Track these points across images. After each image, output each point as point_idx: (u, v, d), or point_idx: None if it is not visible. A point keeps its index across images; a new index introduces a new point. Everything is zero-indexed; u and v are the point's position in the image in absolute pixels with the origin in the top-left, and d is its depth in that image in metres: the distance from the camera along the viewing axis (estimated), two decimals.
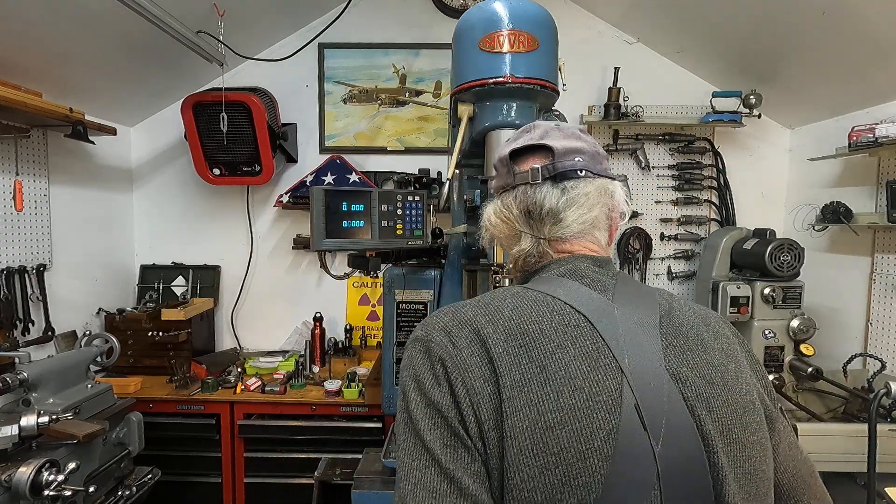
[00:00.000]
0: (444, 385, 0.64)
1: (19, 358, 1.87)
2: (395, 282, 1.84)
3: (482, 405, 0.62)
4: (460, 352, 0.65)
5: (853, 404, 2.12)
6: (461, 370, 0.64)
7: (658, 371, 0.64)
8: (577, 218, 0.76)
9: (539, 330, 0.65)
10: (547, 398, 0.61)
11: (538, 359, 0.63)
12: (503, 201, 0.80)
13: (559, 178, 0.75)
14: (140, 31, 2.10)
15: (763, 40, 2.41)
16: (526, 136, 0.81)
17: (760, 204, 2.96)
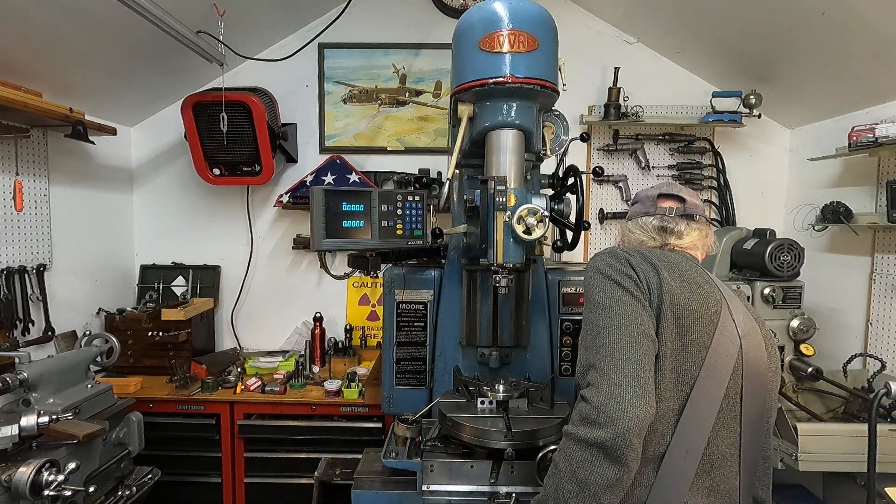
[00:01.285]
0: (629, 268, 1.08)
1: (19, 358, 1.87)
2: (395, 282, 1.84)
3: (652, 281, 1.06)
4: (636, 258, 1.10)
5: (853, 404, 2.12)
6: (639, 264, 1.09)
7: (738, 299, 1.14)
8: (694, 240, 1.23)
9: (675, 262, 1.12)
10: (683, 289, 1.07)
11: (679, 274, 1.10)
12: (641, 221, 1.27)
13: (688, 218, 1.24)
14: (140, 32, 2.10)
15: (763, 40, 2.41)
16: (665, 188, 1.29)
17: (760, 204, 2.96)
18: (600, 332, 1.01)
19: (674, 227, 1.21)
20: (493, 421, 1.45)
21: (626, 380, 0.93)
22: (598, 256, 1.13)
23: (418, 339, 1.84)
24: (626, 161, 2.96)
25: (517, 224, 1.38)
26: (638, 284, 1.05)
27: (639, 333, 0.98)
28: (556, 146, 1.76)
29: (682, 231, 1.22)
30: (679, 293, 1.05)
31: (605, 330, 1.00)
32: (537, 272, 1.80)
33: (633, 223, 1.28)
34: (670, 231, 1.22)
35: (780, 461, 1.84)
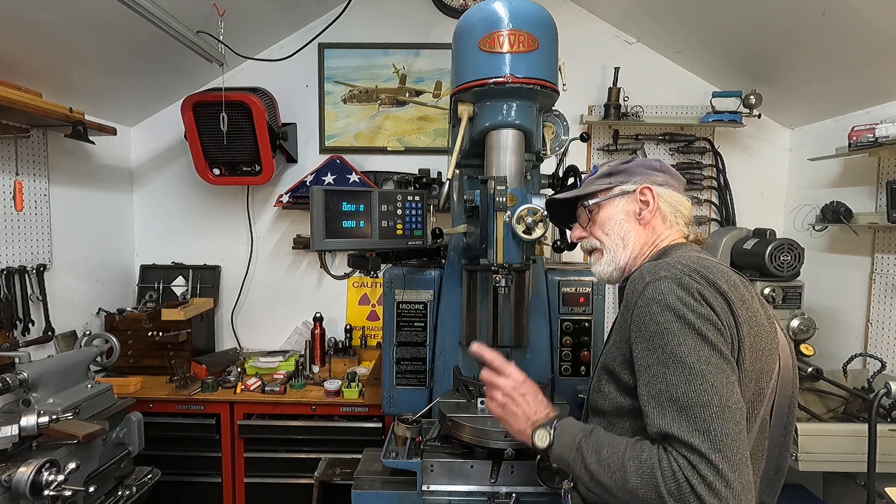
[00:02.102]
0: (706, 307, 0.89)
1: (19, 358, 1.88)
2: (395, 282, 1.84)
3: (730, 322, 0.90)
4: (706, 288, 0.90)
5: (853, 404, 2.12)
6: (714, 299, 0.90)
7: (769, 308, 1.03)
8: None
9: (731, 279, 0.94)
10: (751, 320, 0.92)
11: (746, 305, 0.93)
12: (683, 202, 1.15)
13: None
14: (140, 32, 2.10)
15: (763, 40, 2.41)
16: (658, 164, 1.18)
17: (760, 204, 2.96)
18: (698, 405, 0.83)
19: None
20: (493, 421, 1.45)
21: (745, 463, 0.82)
22: (661, 283, 0.92)
23: (418, 339, 1.84)
24: None
25: (517, 224, 1.38)
26: (722, 333, 0.88)
27: (740, 411, 0.84)
28: (556, 146, 1.76)
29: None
30: (752, 334, 0.92)
31: (707, 407, 0.82)
32: (537, 272, 1.80)
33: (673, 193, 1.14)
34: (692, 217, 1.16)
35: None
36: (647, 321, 0.91)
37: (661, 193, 1.13)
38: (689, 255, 1.01)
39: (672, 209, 1.13)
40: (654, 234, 1.13)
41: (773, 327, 0.98)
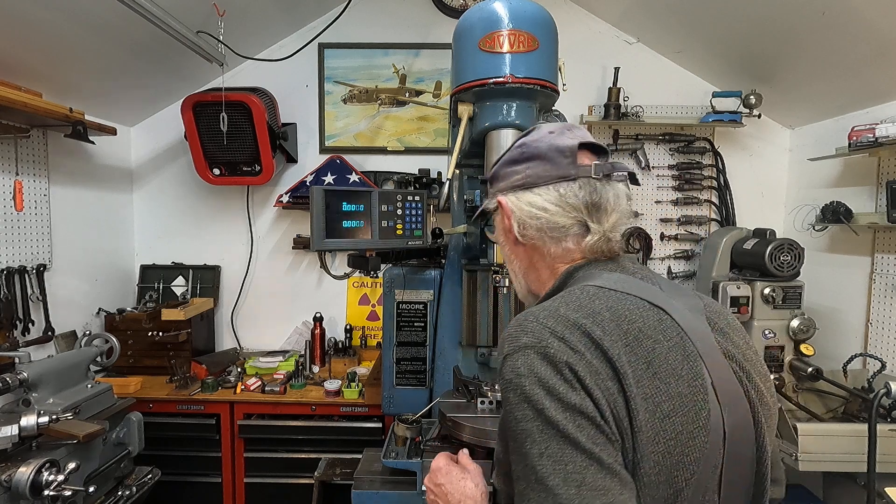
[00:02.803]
0: (578, 388, 0.64)
1: (19, 358, 1.88)
2: (395, 282, 1.84)
3: (616, 404, 0.65)
4: (583, 356, 0.66)
5: (853, 404, 2.12)
6: (592, 373, 0.65)
7: (716, 351, 0.73)
8: (619, 216, 0.81)
9: (638, 329, 0.70)
10: (658, 390, 0.66)
11: (644, 356, 0.68)
12: (565, 190, 0.79)
13: (611, 178, 0.80)
14: (140, 32, 2.10)
15: (763, 40, 2.41)
16: (578, 133, 0.83)
17: (760, 204, 2.96)
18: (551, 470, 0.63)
19: (608, 199, 0.80)
20: (492, 421, 1.45)
21: None
22: (518, 358, 0.68)
23: (418, 339, 1.84)
24: (626, 161, 2.96)
25: None
26: (601, 427, 0.64)
27: None
28: None
29: (612, 206, 0.80)
30: (655, 407, 0.65)
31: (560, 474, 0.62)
32: None
33: (548, 195, 0.80)
34: (604, 208, 0.79)
35: (780, 461, 1.84)
36: (506, 415, 0.68)
37: (514, 207, 0.83)
38: (584, 290, 0.74)
39: (536, 223, 0.81)
40: (544, 255, 0.84)
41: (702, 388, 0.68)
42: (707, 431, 0.67)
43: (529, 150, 0.84)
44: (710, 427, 0.67)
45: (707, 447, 0.67)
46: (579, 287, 0.76)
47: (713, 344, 0.73)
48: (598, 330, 0.68)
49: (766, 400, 0.75)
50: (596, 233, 0.79)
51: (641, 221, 2.98)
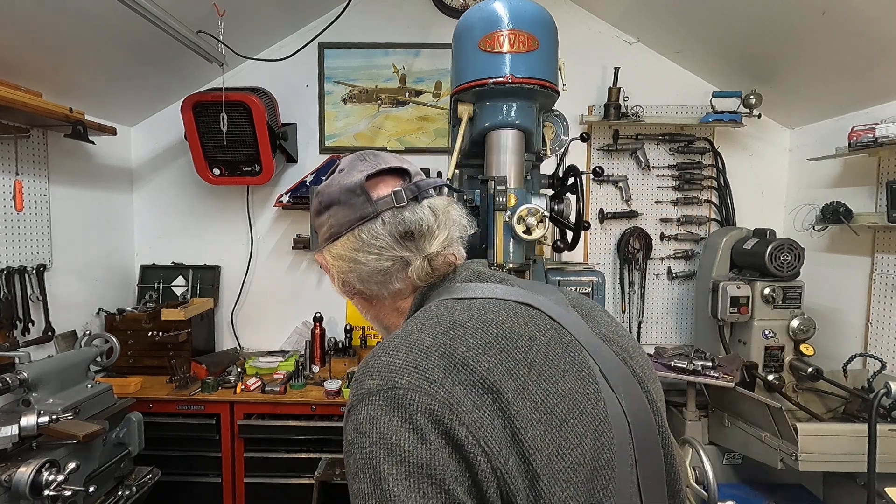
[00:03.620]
0: (431, 438, 0.53)
1: (19, 358, 1.88)
2: None
3: (488, 435, 0.54)
4: (441, 386, 0.55)
5: (853, 404, 2.12)
6: (451, 407, 0.54)
7: (593, 337, 0.68)
8: (448, 232, 0.76)
9: (509, 329, 0.62)
10: (548, 393, 0.58)
11: (523, 357, 0.60)
12: (367, 232, 0.72)
13: (420, 198, 0.74)
14: (140, 31, 2.10)
15: (763, 40, 2.41)
16: (370, 164, 0.77)
17: (760, 204, 2.96)
18: None
19: (422, 224, 0.73)
20: None
21: None
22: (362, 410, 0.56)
23: None
24: (626, 161, 2.96)
25: (517, 224, 1.38)
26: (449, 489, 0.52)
27: None
28: (556, 146, 1.76)
29: (433, 226, 0.74)
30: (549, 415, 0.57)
31: None
32: (537, 272, 1.80)
33: (352, 243, 0.74)
34: (424, 233, 0.73)
35: (780, 461, 1.84)
36: (349, 477, 0.56)
37: (330, 263, 0.77)
38: (442, 305, 0.67)
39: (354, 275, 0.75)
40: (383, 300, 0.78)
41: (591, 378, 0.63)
42: (610, 425, 0.60)
43: (324, 197, 0.77)
44: (610, 419, 0.60)
45: (615, 443, 0.60)
46: (436, 303, 0.69)
47: (588, 331, 0.69)
48: (461, 347, 0.58)
49: (649, 374, 0.72)
50: (416, 261, 0.73)
51: (641, 221, 2.98)
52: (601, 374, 0.64)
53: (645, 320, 2.98)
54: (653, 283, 2.99)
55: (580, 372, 0.62)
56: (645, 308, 2.98)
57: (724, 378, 2.03)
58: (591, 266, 2.08)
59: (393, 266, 0.73)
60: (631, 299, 2.97)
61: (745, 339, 2.38)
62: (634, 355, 0.71)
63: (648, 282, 2.98)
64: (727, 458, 2.22)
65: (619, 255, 2.96)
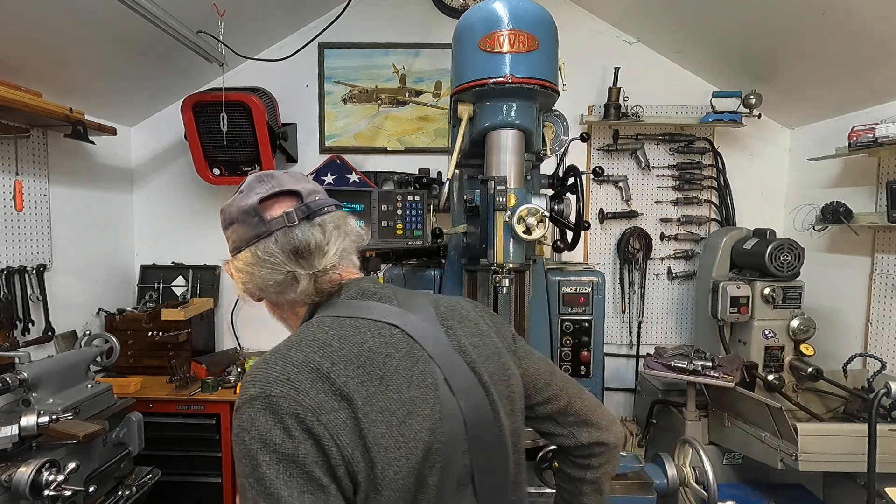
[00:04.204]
0: (296, 434, 0.67)
1: (19, 358, 1.88)
2: (395, 282, 1.84)
3: (340, 431, 0.68)
4: (307, 394, 0.69)
5: (853, 404, 2.12)
6: (313, 411, 0.68)
7: (448, 350, 0.81)
8: (339, 247, 0.85)
9: (369, 349, 0.75)
10: (393, 400, 0.72)
11: (376, 373, 0.73)
12: (262, 249, 0.83)
13: (312, 216, 0.84)
14: (140, 31, 2.10)
15: (763, 40, 2.41)
16: (265, 186, 0.88)
17: (760, 204, 2.96)
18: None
19: (311, 242, 0.82)
20: None
21: None
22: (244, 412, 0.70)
23: None
24: (626, 161, 2.96)
25: (517, 224, 1.38)
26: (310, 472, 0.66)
27: None
28: (556, 146, 1.76)
29: (322, 243, 0.83)
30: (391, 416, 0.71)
31: None
32: (537, 272, 1.80)
33: (249, 257, 0.83)
34: (312, 251, 0.82)
35: (780, 461, 1.84)
36: (235, 460, 0.70)
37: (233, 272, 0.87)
38: (320, 322, 0.79)
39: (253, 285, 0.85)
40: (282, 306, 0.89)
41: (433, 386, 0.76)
42: (442, 423, 0.75)
43: (226, 216, 0.90)
44: (444, 418, 0.75)
45: (446, 436, 0.74)
46: (317, 319, 0.81)
47: (446, 343, 0.81)
48: (326, 363, 0.72)
49: (497, 377, 0.84)
50: (304, 278, 0.82)
51: (641, 221, 2.98)
52: (445, 382, 0.77)
53: (645, 320, 2.98)
54: (653, 283, 2.99)
55: (424, 382, 0.76)
56: (645, 308, 2.98)
57: (724, 378, 2.03)
58: (591, 266, 2.08)
59: (285, 279, 0.83)
60: (631, 299, 2.97)
61: (745, 339, 2.38)
62: (486, 363, 0.83)
63: (648, 282, 2.98)
64: (727, 458, 2.22)
65: (619, 255, 2.96)
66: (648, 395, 2.60)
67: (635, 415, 2.89)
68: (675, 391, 2.46)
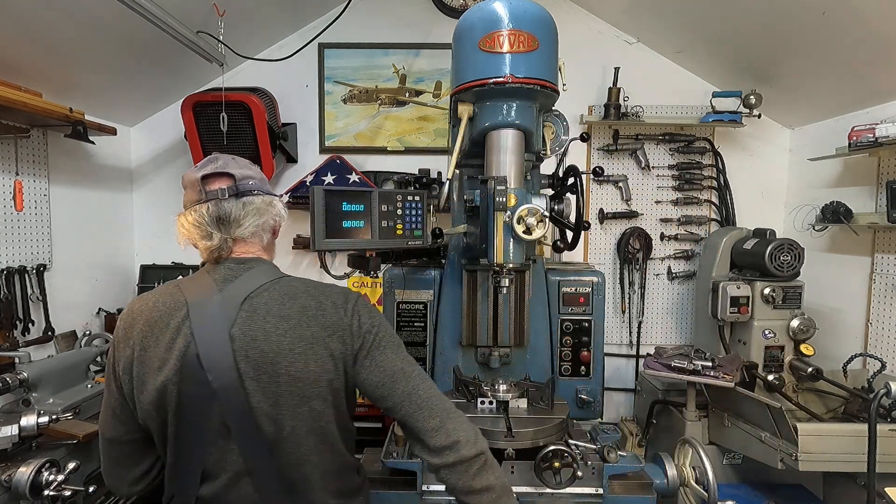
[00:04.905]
0: (110, 356, 1.07)
1: (19, 358, 1.88)
2: (395, 282, 1.84)
3: (122, 363, 1.04)
4: (120, 334, 1.06)
5: (853, 404, 2.12)
6: (116, 347, 1.06)
7: (221, 333, 1.00)
8: (253, 222, 1.09)
9: (159, 315, 1.03)
10: (154, 355, 1.01)
11: (155, 334, 1.02)
12: (197, 211, 1.07)
13: (240, 195, 1.08)
14: (140, 31, 2.10)
15: (763, 40, 2.42)
16: (212, 165, 1.10)
17: (760, 204, 2.96)
18: None
19: (232, 214, 1.06)
20: (493, 421, 1.45)
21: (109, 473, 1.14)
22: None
23: (418, 339, 1.84)
24: (626, 161, 2.96)
25: (517, 224, 1.38)
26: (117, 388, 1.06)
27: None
28: (556, 146, 1.76)
29: (240, 217, 1.07)
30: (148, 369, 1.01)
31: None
32: (537, 272, 1.80)
33: (188, 216, 1.09)
34: (230, 221, 1.07)
35: (780, 461, 1.84)
36: None
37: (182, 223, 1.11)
38: (165, 285, 1.14)
39: (187, 235, 1.10)
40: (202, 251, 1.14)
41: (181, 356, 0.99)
42: (182, 383, 0.99)
43: (184, 181, 1.13)
44: (184, 380, 0.99)
45: (185, 394, 0.99)
46: (177, 280, 1.14)
47: (222, 328, 1.00)
48: (139, 318, 1.04)
49: (264, 369, 0.99)
50: (216, 238, 1.07)
51: (641, 221, 2.98)
52: (196, 356, 0.99)
53: (645, 320, 2.98)
54: (653, 283, 3.00)
55: (173, 351, 1.00)
56: (645, 308, 2.98)
57: (724, 378, 2.03)
58: (591, 266, 2.08)
59: (205, 236, 1.08)
60: (631, 299, 2.97)
61: (745, 339, 2.38)
62: (255, 356, 1.00)
63: (648, 282, 2.98)
64: (727, 458, 2.22)
65: (619, 255, 2.96)
66: (648, 395, 2.59)
67: (635, 415, 2.89)
68: (675, 391, 2.46)
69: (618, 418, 2.97)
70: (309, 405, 1.02)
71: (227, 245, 1.09)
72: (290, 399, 1.00)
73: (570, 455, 1.33)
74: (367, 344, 1.07)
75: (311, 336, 1.02)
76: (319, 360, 1.02)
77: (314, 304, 1.05)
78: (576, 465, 1.33)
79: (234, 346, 0.99)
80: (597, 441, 1.52)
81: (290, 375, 1.00)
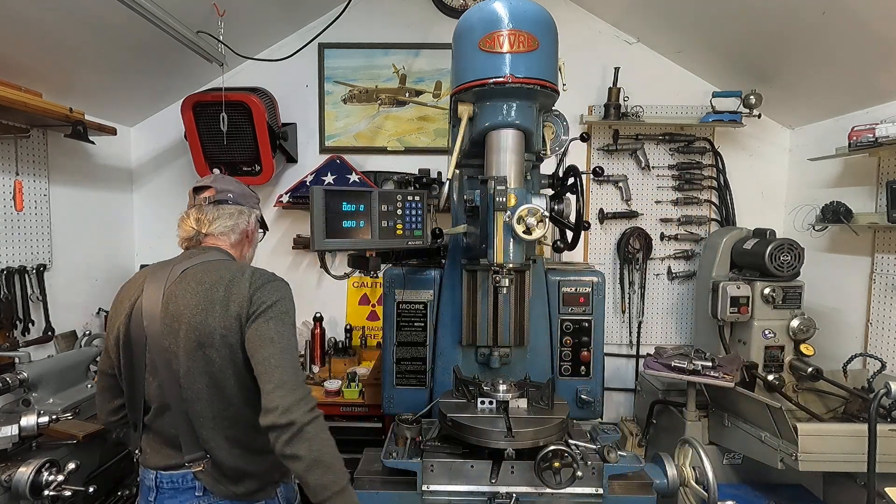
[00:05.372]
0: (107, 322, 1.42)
1: (19, 358, 1.88)
2: (395, 282, 1.84)
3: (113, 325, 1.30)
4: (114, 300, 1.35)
5: (853, 404, 2.12)
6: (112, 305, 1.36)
7: (158, 291, 1.27)
8: (222, 223, 1.39)
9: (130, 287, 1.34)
10: (121, 306, 1.30)
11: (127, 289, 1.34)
12: (187, 213, 1.40)
13: (217, 203, 1.39)
14: (140, 32, 2.10)
15: (763, 40, 2.42)
16: (206, 181, 1.43)
17: (760, 204, 2.96)
18: None
19: (206, 214, 1.37)
20: (493, 421, 1.46)
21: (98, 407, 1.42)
22: None
23: (418, 339, 1.84)
24: (626, 161, 2.96)
25: (517, 224, 1.38)
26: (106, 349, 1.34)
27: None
28: (556, 146, 1.76)
29: (213, 219, 1.38)
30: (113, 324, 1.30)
31: None
32: (537, 272, 1.80)
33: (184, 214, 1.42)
34: (202, 220, 1.37)
35: (780, 461, 1.84)
36: None
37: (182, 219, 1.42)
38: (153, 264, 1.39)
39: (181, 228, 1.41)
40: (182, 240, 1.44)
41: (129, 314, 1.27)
42: (131, 329, 1.27)
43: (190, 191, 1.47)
44: (132, 327, 1.27)
45: (132, 336, 1.27)
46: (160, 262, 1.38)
47: (157, 298, 1.26)
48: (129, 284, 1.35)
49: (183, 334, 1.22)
50: (192, 231, 1.37)
51: (641, 221, 2.98)
52: (140, 312, 1.26)
53: (645, 320, 2.98)
54: (653, 283, 3.00)
55: (132, 300, 1.28)
56: (645, 308, 2.98)
57: (724, 378, 2.03)
58: (591, 266, 2.08)
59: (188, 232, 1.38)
60: (631, 299, 2.97)
61: (745, 339, 2.38)
62: (170, 306, 1.24)
63: (648, 282, 2.98)
64: (727, 458, 2.22)
65: (619, 255, 2.96)
66: (648, 395, 2.59)
67: (635, 415, 2.89)
68: (675, 391, 2.46)
69: (618, 418, 2.97)
70: (203, 351, 1.22)
71: (197, 237, 1.38)
72: (189, 343, 1.22)
73: (570, 455, 1.33)
74: (258, 311, 1.24)
75: (217, 298, 1.23)
76: (217, 317, 1.22)
77: (228, 276, 1.27)
78: (576, 465, 1.33)
79: (163, 300, 1.25)
80: (597, 441, 1.52)
81: (190, 325, 1.22)
